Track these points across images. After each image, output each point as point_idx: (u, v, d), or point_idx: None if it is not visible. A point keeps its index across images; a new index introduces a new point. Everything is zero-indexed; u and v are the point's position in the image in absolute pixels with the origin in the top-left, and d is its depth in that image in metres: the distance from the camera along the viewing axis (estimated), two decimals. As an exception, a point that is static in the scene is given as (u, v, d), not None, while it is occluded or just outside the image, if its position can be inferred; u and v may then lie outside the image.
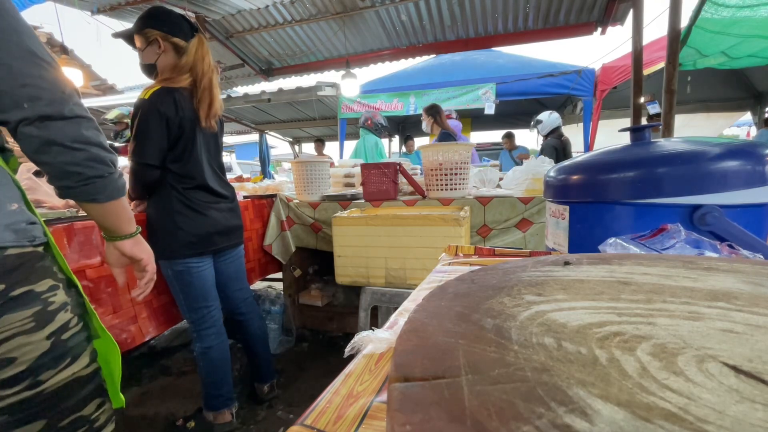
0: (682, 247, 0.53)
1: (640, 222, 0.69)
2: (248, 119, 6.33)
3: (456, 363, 0.14)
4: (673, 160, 0.66)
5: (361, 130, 3.17)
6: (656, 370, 0.14)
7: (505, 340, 0.16)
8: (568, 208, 0.79)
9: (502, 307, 0.20)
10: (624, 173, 0.70)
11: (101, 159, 0.60)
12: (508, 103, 4.55)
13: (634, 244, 0.59)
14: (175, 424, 1.56)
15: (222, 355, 1.45)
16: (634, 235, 0.61)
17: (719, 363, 0.15)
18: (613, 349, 0.16)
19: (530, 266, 0.28)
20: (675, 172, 0.65)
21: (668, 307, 0.21)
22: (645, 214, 0.69)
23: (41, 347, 0.53)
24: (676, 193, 0.65)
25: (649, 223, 0.66)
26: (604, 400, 0.12)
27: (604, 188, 0.73)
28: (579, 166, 0.79)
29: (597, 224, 0.75)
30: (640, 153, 0.71)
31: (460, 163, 1.86)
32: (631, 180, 0.69)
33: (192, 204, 1.31)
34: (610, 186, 0.72)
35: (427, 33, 3.65)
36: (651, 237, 0.60)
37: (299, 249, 2.22)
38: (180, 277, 1.32)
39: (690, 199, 0.64)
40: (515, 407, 0.11)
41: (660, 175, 0.67)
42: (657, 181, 0.67)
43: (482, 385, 0.13)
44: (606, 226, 0.73)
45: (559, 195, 0.82)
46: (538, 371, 0.14)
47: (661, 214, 0.67)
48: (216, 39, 3.56)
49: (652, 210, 0.68)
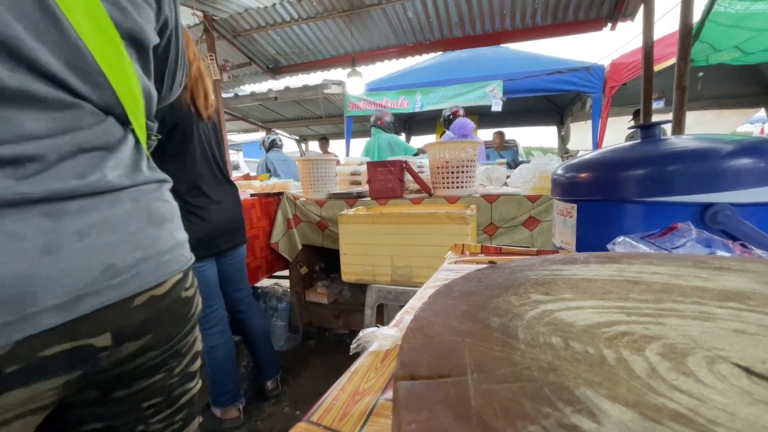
0: (693, 246, 0.53)
1: (649, 220, 0.68)
2: (255, 117, 6.36)
3: (462, 362, 0.14)
4: (684, 157, 0.65)
5: (373, 128, 3.14)
6: (665, 370, 0.14)
7: (512, 339, 0.16)
8: (576, 206, 0.79)
9: (508, 306, 0.20)
10: (633, 171, 0.69)
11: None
12: (515, 100, 4.51)
13: (643, 242, 0.58)
14: (184, 419, 1.57)
15: (227, 353, 1.46)
16: (644, 234, 0.60)
17: (731, 364, 0.15)
18: (621, 349, 0.15)
19: (537, 265, 0.28)
20: (686, 170, 0.64)
21: (678, 307, 0.20)
22: (655, 212, 0.68)
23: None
24: (687, 192, 0.64)
25: (658, 222, 0.65)
26: (612, 401, 0.12)
27: (613, 186, 0.72)
28: (587, 163, 0.78)
29: (605, 223, 0.74)
30: (651, 150, 0.70)
31: (466, 161, 1.85)
32: (640, 178, 0.68)
33: (191, 208, 1.29)
34: (619, 184, 0.71)
35: (434, 30, 3.63)
36: (661, 236, 0.59)
37: (306, 247, 2.23)
38: None
39: (701, 198, 0.63)
40: (522, 406, 0.11)
41: (670, 172, 0.66)
42: (667, 179, 0.66)
43: (488, 384, 0.13)
44: (615, 224, 0.72)
45: (567, 193, 0.81)
46: (545, 371, 0.14)
47: (671, 213, 0.66)
48: (224, 38, 3.57)
49: (662, 208, 0.67)
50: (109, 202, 0.39)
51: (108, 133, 0.41)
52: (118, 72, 0.41)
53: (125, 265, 0.38)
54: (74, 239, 0.35)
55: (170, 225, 0.46)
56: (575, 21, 3.29)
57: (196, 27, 3.22)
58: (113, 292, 0.36)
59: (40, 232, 0.33)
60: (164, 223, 0.45)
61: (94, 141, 0.39)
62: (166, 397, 0.47)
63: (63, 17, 0.35)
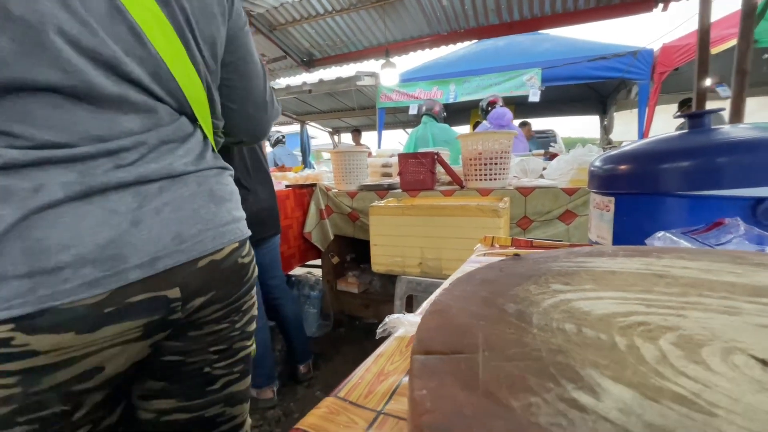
0: (740, 242, 0.50)
1: (694, 216, 0.65)
2: (290, 110, 6.51)
3: (474, 341, 0.15)
4: (734, 147, 0.61)
5: (425, 117, 3.07)
6: (676, 358, 0.14)
7: (526, 323, 0.17)
8: (614, 199, 0.76)
9: (527, 294, 0.20)
10: (678, 162, 0.66)
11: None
12: (555, 89, 4.32)
13: (685, 238, 0.55)
14: (223, 396, 1.68)
15: (262, 337, 1.53)
16: (686, 229, 0.57)
17: (747, 355, 0.15)
18: (634, 337, 0.16)
19: (562, 257, 0.28)
20: (737, 161, 0.60)
21: (703, 301, 0.20)
22: (699, 207, 0.64)
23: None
24: (737, 185, 0.60)
25: (704, 217, 0.62)
26: (615, 381, 0.12)
27: (654, 178, 0.68)
28: (627, 155, 0.75)
29: (645, 217, 0.71)
30: (697, 140, 0.66)
31: (500, 153, 1.81)
32: (685, 169, 0.65)
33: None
34: (662, 176, 0.67)
35: (469, 18, 3.53)
36: (705, 231, 0.56)
37: (337, 237, 2.28)
38: None
39: (753, 191, 0.59)
40: (526, 381, 0.12)
41: (719, 164, 0.62)
42: (715, 171, 0.62)
43: (497, 361, 0.14)
44: (655, 219, 0.69)
45: (605, 186, 0.78)
46: (553, 352, 0.14)
47: (718, 208, 0.62)
48: (260, 32, 3.67)
49: (708, 203, 0.63)
50: (179, 184, 0.48)
51: (181, 129, 0.50)
52: (185, 78, 0.50)
53: (190, 234, 0.47)
54: (153, 214, 0.44)
55: (228, 204, 0.55)
56: (621, 2, 3.09)
57: (235, 23, 3.32)
58: (181, 255, 0.45)
59: (130, 209, 0.42)
60: (223, 203, 0.53)
61: (171, 135, 0.49)
62: (228, 347, 0.56)
63: (145, 37, 0.44)
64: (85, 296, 0.37)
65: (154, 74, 0.46)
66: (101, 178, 0.40)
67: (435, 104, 3.07)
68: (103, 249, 0.39)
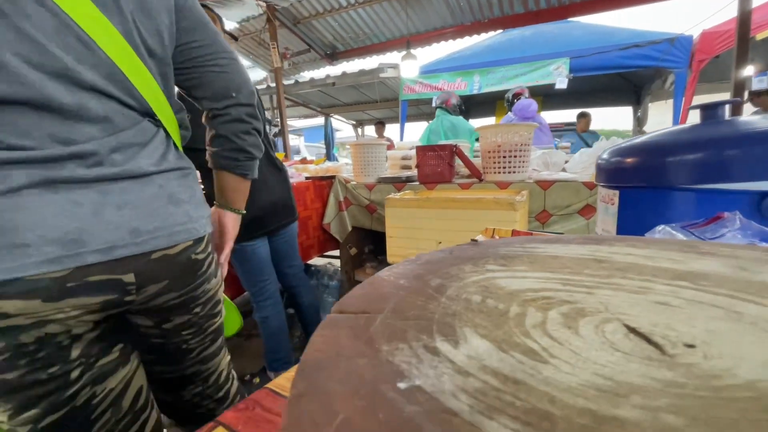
0: (733, 236, 0.49)
1: (697, 209, 0.63)
2: (315, 103, 6.60)
3: (385, 306, 0.18)
4: (742, 140, 0.59)
5: (438, 110, 3.06)
6: (552, 324, 0.16)
7: (439, 294, 0.19)
8: (618, 192, 0.75)
9: (458, 272, 0.23)
10: (682, 155, 0.64)
11: (260, 144, 0.77)
12: (585, 79, 4.15)
13: (683, 232, 0.55)
14: (244, 379, 1.77)
15: (279, 323, 1.60)
16: (685, 224, 0.57)
17: (622, 325, 0.16)
18: (529, 308, 0.18)
19: (517, 243, 0.30)
20: (743, 154, 0.59)
21: (621, 282, 0.22)
22: (704, 201, 0.63)
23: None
24: (743, 178, 0.58)
25: (708, 212, 0.60)
26: (482, 337, 0.15)
27: (658, 172, 0.67)
28: (633, 147, 0.74)
29: (648, 211, 0.70)
30: (704, 132, 0.64)
31: (520, 145, 1.79)
32: (690, 162, 0.63)
33: None
34: (666, 169, 0.66)
35: (494, 7, 3.46)
36: (703, 225, 0.55)
37: (355, 228, 2.33)
38: (236, 257, 1.46)
39: (759, 185, 0.57)
40: (405, 334, 0.15)
41: (725, 156, 0.60)
42: (721, 164, 0.60)
43: (393, 320, 0.16)
44: (659, 213, 0.68)
45: (610, 179, 0.77)
46: (446, 315, 0.17)
47: (722, 202, 0.60)
48: (285, 26, 3.74)
49: (712, 196, 0.62)
50: (140, 184, 0.53)
51: (143, 132, 0.56)
52: (138, 78, 0.54)
53: (146, 230, 0.52)
54: (114, 209, 0.50)
55: (186, 205, 0.60)
56: (657, -14, 2.93)
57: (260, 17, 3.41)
58: (135, 247, 0.51)
59: (92, 202, 0.48)
60: (181, 204, 0.59)
61: (133, 138, 0.54)
62: (198, 329, 0.66)
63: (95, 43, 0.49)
64: (46, 270, 0.43)
65: (108, 77, 0.50)
66: (65, 174, 0.46)
67: (449, 96, 3.03)
68: (65, 233, 0.45)
